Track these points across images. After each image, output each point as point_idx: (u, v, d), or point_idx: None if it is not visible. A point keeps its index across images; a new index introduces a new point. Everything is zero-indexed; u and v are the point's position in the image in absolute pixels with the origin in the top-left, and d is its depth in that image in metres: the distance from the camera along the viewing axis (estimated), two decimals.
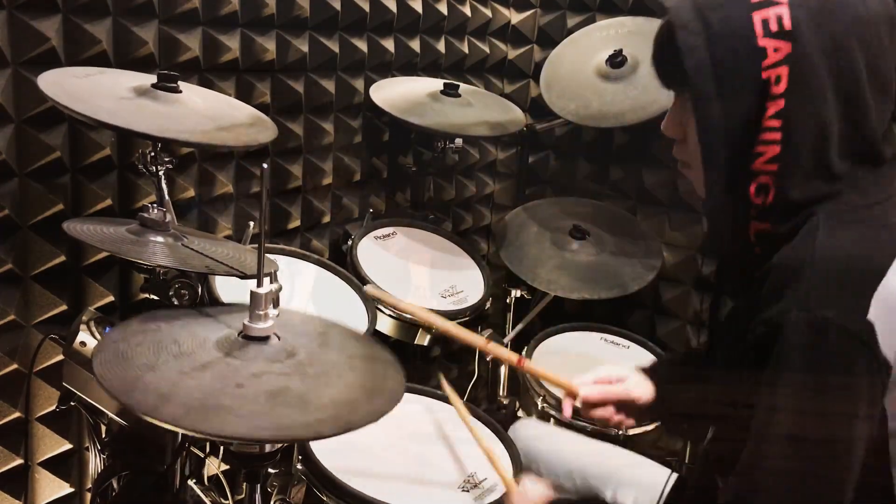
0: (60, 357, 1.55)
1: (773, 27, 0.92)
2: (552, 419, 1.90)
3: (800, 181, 0.95)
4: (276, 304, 1.11)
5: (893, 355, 0.88)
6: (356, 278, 1.91)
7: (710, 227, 1.11)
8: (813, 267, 0.90)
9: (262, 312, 1.07)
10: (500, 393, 2.25)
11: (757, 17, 0.93)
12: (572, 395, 1.35)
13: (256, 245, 1.19)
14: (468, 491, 1.43)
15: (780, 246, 0.97)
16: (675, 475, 1.44)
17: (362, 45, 2.19)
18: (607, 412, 1.34)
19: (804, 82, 0.92)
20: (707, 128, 0.97)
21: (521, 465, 1.51)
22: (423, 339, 1.96)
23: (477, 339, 1.40)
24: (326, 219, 2.26)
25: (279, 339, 1.10)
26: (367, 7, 2.16)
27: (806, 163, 0.94)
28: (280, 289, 1.11)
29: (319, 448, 1.42)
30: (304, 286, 1.85)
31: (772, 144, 0.94)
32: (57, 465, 1.77)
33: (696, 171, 1.07)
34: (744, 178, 0.97)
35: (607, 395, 1.33)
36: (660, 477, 1.42)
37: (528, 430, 1.69)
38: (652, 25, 1.08)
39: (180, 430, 1.06)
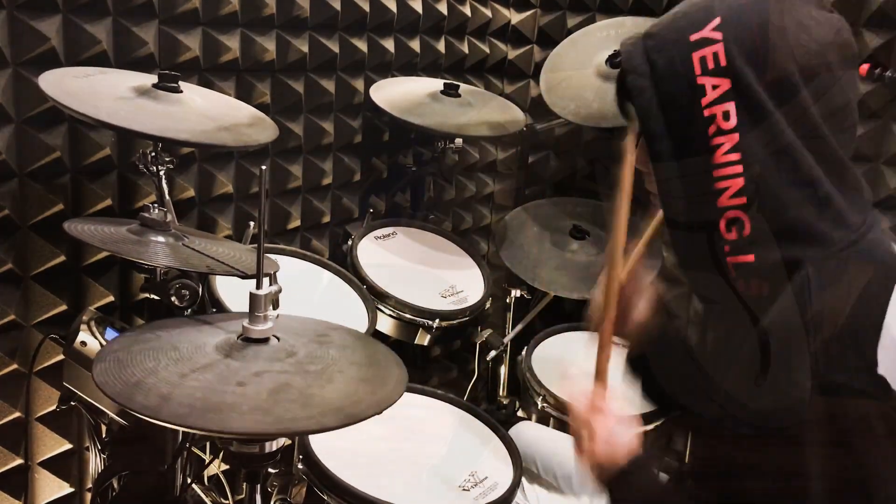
0: (60, 357, 1.56)
1: (710, 65, 0.94)
2: (552, 420, 1.90)
3: (776, 208, 0.94)
4: (275, 305, 1.11)
5: None
6: (356, 278, 1.92)
7: (680, 264, 1.10)
8: (812, 330, 0.89)
9: (261, 314, 1.08)
10: (500, 393, 2.26)
11: (696, 56, 0.95)
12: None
13: (256, 245, 1.19)
14: (469, 490, 1.43)
15: (763, 280, 0.96)
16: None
17: (362, 45, 2.19)
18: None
19: (753, 115, 0.93)
20: (662, 166, 1.00)
21: (521, 466, 1.51)
22: (423, 339, 1.96)
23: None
24: (326, 219, 2.26)
25: (279, 340, 1.10)
26: (367, 7, 2.16)
27: (778, 191, 0.94)
28: (280, 290, 1.11)
29: (320, 448, 1.42)
30: (303, 286, 1.85)
31: (734, 178, 0.94)
32: (57, 465, 1.78)
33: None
34: (710, 214, 0.97)
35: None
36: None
37: (527, 432, 1.69)
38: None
39: (184, 430, 1.06)
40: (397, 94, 2.15)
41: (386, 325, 1.93)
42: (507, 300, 2.32)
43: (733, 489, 0.96)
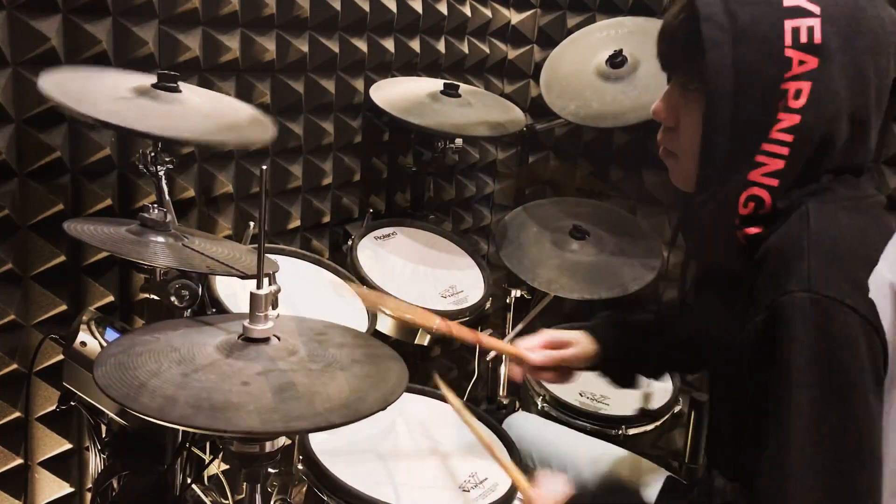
0: (60, 357, 1.56)
1: (804, 38, 0.89)
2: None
3: (798, 195, 0.94)
4: (274, 305, 1.11)
5: (891, 340, 0.86)
6: (356, 278, 1.91)
7: (692, 224, 1.08)
8: (811, 248, 0.88)
9: (262, 314, 1.08)
10: (500, 393, 2.26)
11: (788, 24, 0.89)
12: (521, 361, 1.38)
13: (256, 245, 1.19)
14: (468, 491, 1.43)
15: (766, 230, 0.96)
16: (667, 473, 1.44)
17: (362, 45, 2.19)
18: (550, 375, 1.39)
19: (824, 100, 0.90)
20: (715, 127, 0.94)
21: (521, 463, 1.51)
22: (423, 339, 1.96)
23: (432, 321, 1.41)
24: (326, 219, 2.26)
25: (279, 340, 1.10)
26: (367, 7, 2.16)
27: (803, 177, 0.94)
28: (279, 290, 1.11)
29: (320, 448, 1.42)
30: (304, 286, 1.85)
31: (776, 158, 0.91)
32: (57, 465, 1.78)
33: (681, 163, 1.05)
34: (736, 185, 0.95)
35: (552, 360, 1.37)
36: (653, 473, 1.42)
37: (521, 423, 1.68)
38: (652, 25, 1.08)
39: (192, 430, 1.06)
40: (397, 94, 2.15)
41: (386, 325, 1.93)
42: (507, 300, 2.32)
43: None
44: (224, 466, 1.71)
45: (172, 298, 1.49)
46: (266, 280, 1.09)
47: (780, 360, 0.86)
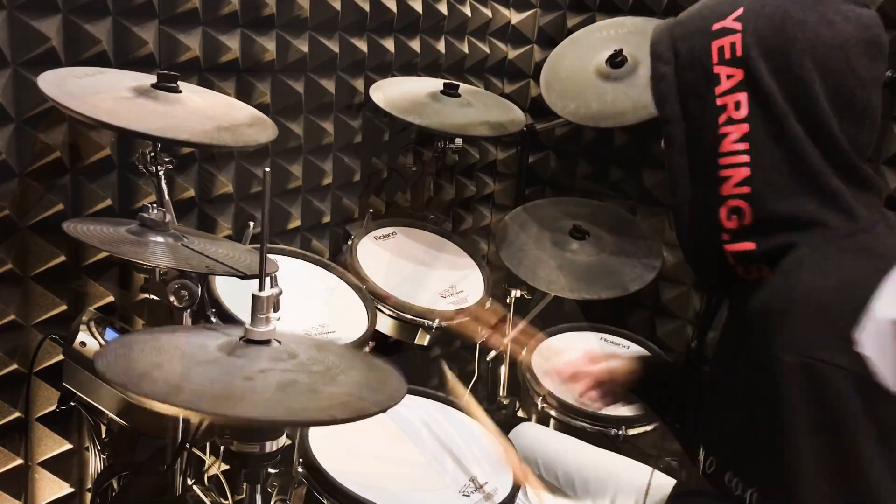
0: (60, 357, 1.56)
1: (727, 54, 0.97)
2: (552, 421, 1.90)
3: (779, 199, 0.95)
4: (276, 307, 1.11)
5: (894, 384, 0.86)
6: (356, 278, 1.91)
7: (683, 250, 1.11)
8: (799, 305, 0.89)
9: (263, 316, 1.07)
10: (500, 393, 2.26)
11: (715, 45, 0.98)
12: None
13: (257, 246, 1.19)
14: (469, 495, 1.43)
15: (762, 264, 0.97)
16: (672, 481, 1.44)
17: (362, 45, 2.19)
18: (580, 387, 1.42)
19: (764, 106, 0.95)
20: (672, 151, 1.03)
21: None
22: (423, 339, 1.96)
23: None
24: (326, 219, 2.26)
25: (280, 343, 1.10)
26: (367, 7, 2.16)
27: (781, 182, 0.95)
28: (280, 293, 1.11)
29: (320, 451, 1.42)
30: (304, 286, 1.85)
31: (740, 167, 0.96)
32: (57, 465, 1.77)
33: None
34: (712, 203, 0.99)
35: (577, 368, 1.41)
36: (659, 482, 1.42)
37: (528, 434, 1.69)
38: (652, 25, 1.09)
39: (197, 415, 1.05)
40: (397, 94, 2.15)
41: (386, 325, 1.93)
42: (507, 300, 2.32)
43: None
44: (224, 466, 1.71)
45: (172, 298, 1.49)
46: (268, 281, 1.09)
47: (776, 426, 0.87)
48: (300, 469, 1.41)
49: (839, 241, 0.94)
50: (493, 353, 2.21)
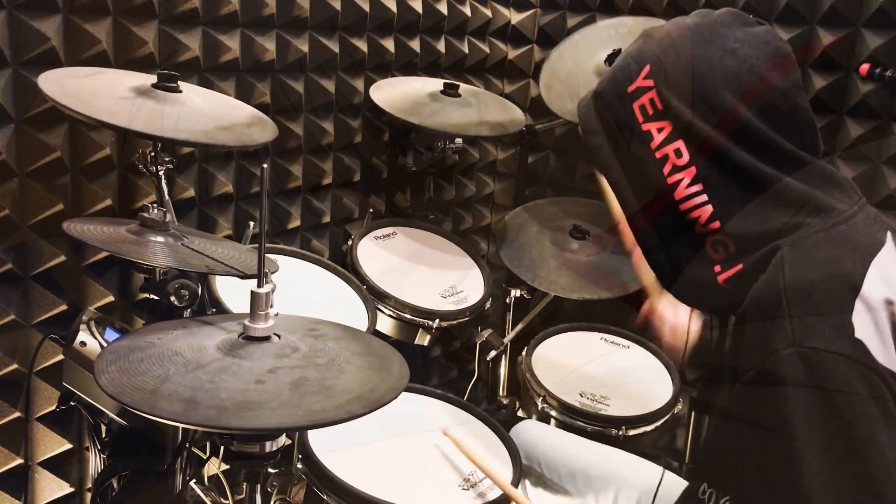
0: (60, 357, 1.56)
1: (650, 111, 1.00)
2: (552, 420, 1.90)
3: (749, 222, 0.98)
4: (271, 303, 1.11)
5: (889, 363, 0.87)
6: (356, 278, 1.91)
7: (683, 298, 1.14)
8: (789, 299, 0.90)
9: (263, 312, 1.07)
10: (500, 393, 2.25)
11: (636, 106, 1.02)
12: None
13: (256, 245, 1.19)
14: (467, 490, 1.43)
15: (757, 273, 0.97)
16: (679, 479, 1.44)
17: (362, 45, 2.19)
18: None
19: (702, 147, 0.97)
20: (632, 217, 1.06)
21: (521, 466, 1.51)
22: (423, 339, 1.96)
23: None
24: (326, 219, 2.26)
25: (279, 338, 1.10)
26: (367, 7, 2.16)
27: (744, 208, 0.98)
28: (273, 288, 1.11)
29: (319, 447, 1.42)
30: (304, 286, 1.85)
31: (702, 206, 0.99)
32: (57, 465, 1.77)
33: None
34: (693, 245, 1.01)
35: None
36: (669, 481, 1.42)
37: (529, 431, 1.69)
38: (652, 25, 1.09)
39: (220, 431, 1.06)
40: (397, 94, 2.15)
41: (386, 325, 1.93)
42: (507, 300, 2.32)
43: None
44: (224, 466, 1.71)
45: (172, 298, 1.49)
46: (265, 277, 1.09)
47: (778, 420, 0.87)
48: (300, 465, 1.41)
49: (815, 235, 0.96)
50: (493, 353, 2.21)
